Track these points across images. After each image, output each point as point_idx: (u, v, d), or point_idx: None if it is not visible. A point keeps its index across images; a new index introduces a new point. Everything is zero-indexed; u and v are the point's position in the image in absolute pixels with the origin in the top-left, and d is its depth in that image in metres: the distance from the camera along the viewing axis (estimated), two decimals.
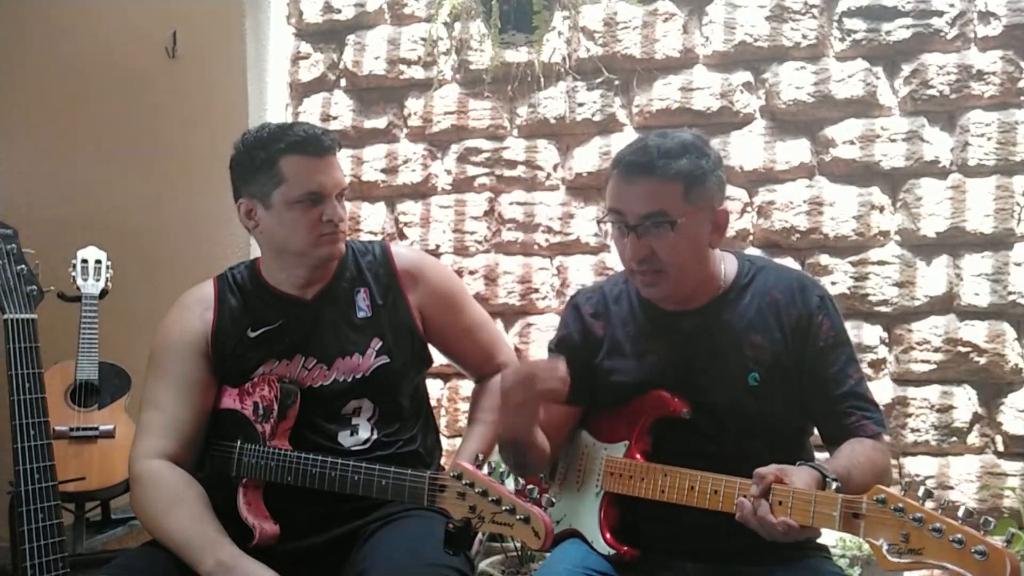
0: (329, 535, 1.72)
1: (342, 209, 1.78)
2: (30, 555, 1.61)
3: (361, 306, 1.83)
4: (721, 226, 1.64)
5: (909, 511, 1.25)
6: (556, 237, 3.04)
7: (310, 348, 1.79)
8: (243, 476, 1.72)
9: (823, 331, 1.63)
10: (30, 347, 1.71)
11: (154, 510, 1.68)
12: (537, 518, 1.38)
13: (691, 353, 1.65)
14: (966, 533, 1.20)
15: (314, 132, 1.76)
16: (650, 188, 1.56)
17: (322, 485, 1.66)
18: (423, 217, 3.17)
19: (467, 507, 1.45)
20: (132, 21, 3.23)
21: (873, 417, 1.61)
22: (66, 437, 2.47)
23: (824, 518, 1.35)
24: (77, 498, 2.47)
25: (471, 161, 3.12)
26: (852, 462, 1.50)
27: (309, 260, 1.79)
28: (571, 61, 3.02)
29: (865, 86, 2.79)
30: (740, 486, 1.46)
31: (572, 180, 3.04)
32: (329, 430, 1.77)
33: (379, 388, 1.80)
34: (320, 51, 3.28)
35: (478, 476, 1.45)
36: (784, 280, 1.68)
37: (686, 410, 1.62)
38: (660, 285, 1.62)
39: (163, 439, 1.74)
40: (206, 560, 1.58)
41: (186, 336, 1.80)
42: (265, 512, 1.71)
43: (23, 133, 3.29)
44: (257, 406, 1.74)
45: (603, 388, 1.73)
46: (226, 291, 1.85)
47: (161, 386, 1.78)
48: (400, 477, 1.58)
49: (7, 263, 1.75)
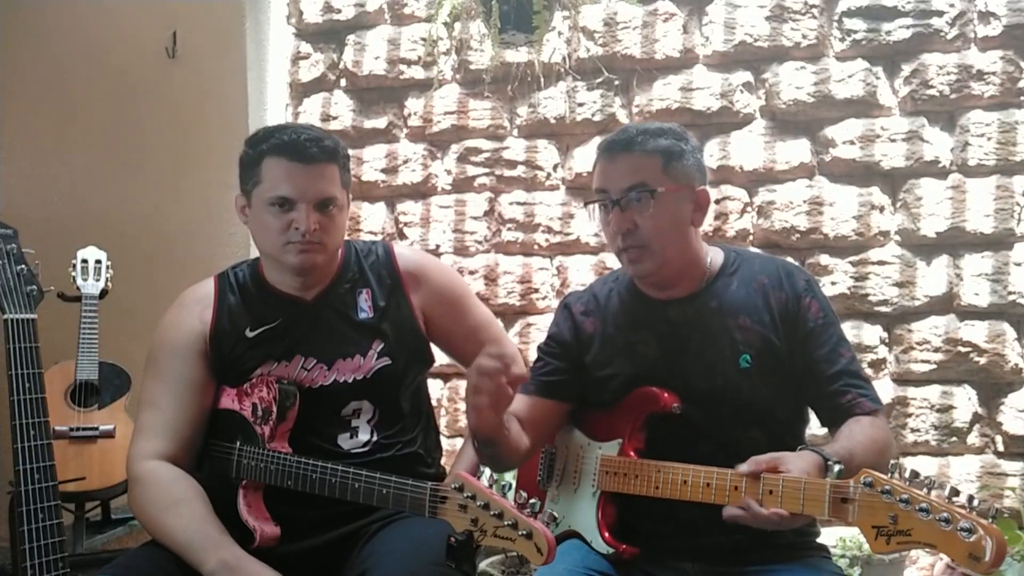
0: (330, 535, 1.71)
1: (323, 219, 1.71)
2: (30, 555, 1.61)
3: (363, 307, 1.82)
4: (702, 205, 1.68)
5: (896, 493, 1.26)
6: (556, 237, 3.04)
7: (310, 349, 1.78)
8: (243, 478, 1.72)
9: (812, 312, 1.64)
10: (30, 347, 1.70)
11: (154, 510, 1.67)
12: (539, 534, 1.37)
13: (681, 340, 1.66)
14: (951, 511, 1.20)
15: (300, 138, 1.71)
16: (631, 161, 1.64)
17: (322, 491, 1.64)
18: (423, 217, 3.17)
19: (469, 520, 1.44)
20: (132, 21, 3.23)
21: (868, 394, 1.61)
22: (66, 437, 2.47)
23: (814, 505, 1.34)
24: (77, 498, 2.47)
25: (471, 161, 3.12)
26: (853, 442, 1.50)
27: (282, 265, 1.77)
28: (571, 61, 3.02)
29: (865, 86, 2.79)
30: (732, 477, 1.46)
31: (572, 180, 3.04)
32: (328, 432, 1.76)
33: (380, 390, 1.79)
34: (320, 51, 3.28)
35: (480, 489, 1.44)
36: (769, 266, 1.72)
37: (676, 404, 1.62)
38: (645, 261, 1.64)
39: (161, 440, 1.73)
40: (209, 560, 1.57)
41: (184, 336, 1.78)
42: (266, 514, 1.70)
43: (23, 133, 3.29)
44: (256, 407, 1.73)
45: (596, 382, 1.73)
46: (226, 290, 1.84)
47: (159, 386, 1.77)
48: (401, 487, 1.56)
49: (7, 263, 1.74)
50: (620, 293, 1.76)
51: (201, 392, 1.78)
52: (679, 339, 1.67)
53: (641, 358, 1.68)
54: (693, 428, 1.63)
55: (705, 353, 1.65)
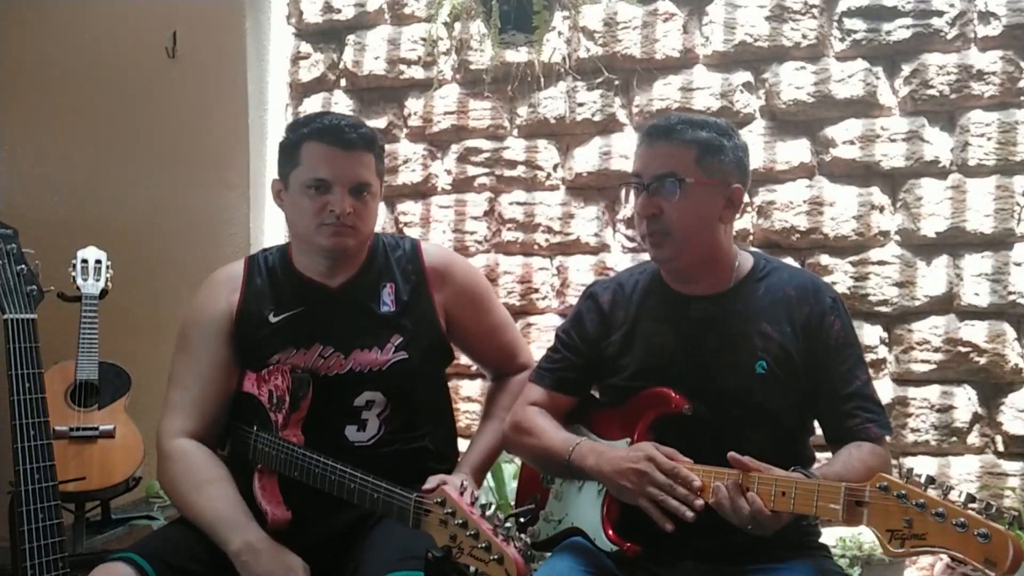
0: (342, 519, 1.74)
1: (357, 204, 1.76)
2: (30, 555, 1.61)
3: (385, 300, 1.84)
4: (735, 202, 1.68)
5: (912, 497, 1.26)
6: (556, 237, 3.04)
7: (329, 337, 1.80)
8: (258, 462, 1.75)
9: (834, 331, 1.65)
10: (30, 347, 1.71)
11: (185, 487, 1.72)
12: (510, 560, 1.36)
13: (700, 338, 1.67)
14: (968, 516, 1.21)
15: (339, 124, 1.77)
16: (665, 150, 1.64)
17: (323, 487, 1.67)
18: (423, 217, 3.17)
19: (448, 536, 1.44)
20: (132, 21, 3.23)
21: (877, 420, 1.62)
22: (66, 437, 2.46)
23: (828, 508, 1.35)
24: (77, 498, 2.46)
25: (471, 161, 3.12)
26: (847, 467, 1.51)
27: (314, 248, 1.80)
28: (571, 61, 3.02)
29: (865, 86, 2.79)
30: (743, 478, 1.46)
31: (572, 180, 3.04)
32: (337, 422, 1.78)
33: (394, 383, 1.81)
34: (320, 51, 3.28)
35: (460, 506, 1.44)
36: (797, 279, 1.72)
37: (687, 406, 1.62)
38: (666, 247, 1.65)
39: (188, 418, 1.77)
40: (234, 540, 1.62)
41: (212, 315, 1.82)
42: (279, 498, 1.72)
43: (23, 133, 3.29)
44: (272, 394, 1.76)
45: (611, 368, 1.75)
46: (255, 273, 1.87)
47: (187, 364, 1.81)
48: (390, 494, 1.59)
49: (7, 263, 1.74)
50: (645, 284, 1.77)
51: (226, 372, 1.81)
52: (698, 336, 1.67)
53: (659, 349, 1.69)
54: (701, 429, 1.63)
55: (722, 353, 1.65)
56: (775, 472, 1.44)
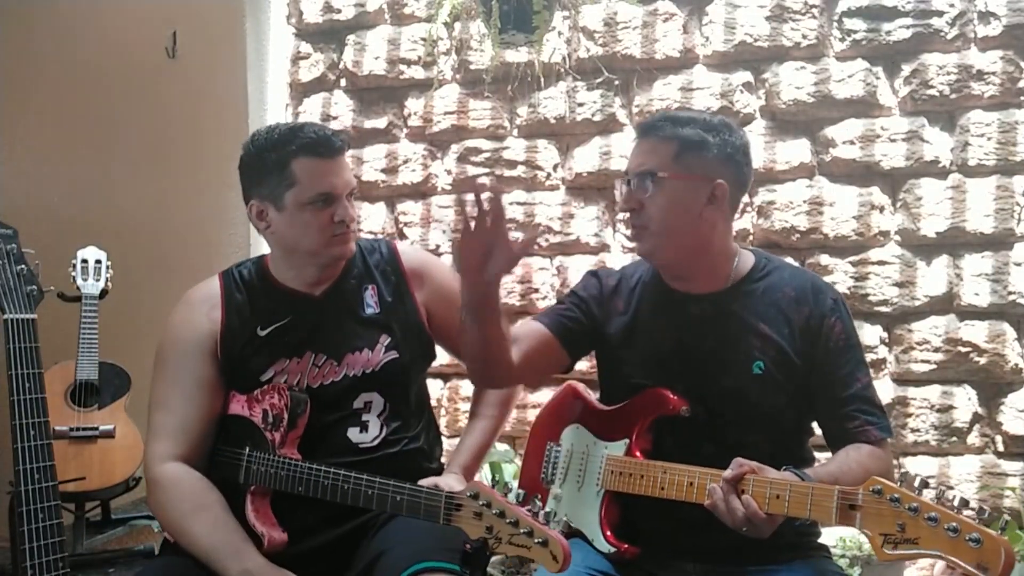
0: (338, 531, 1.72)
1: (353, 209, 1.79)
2: (30, 555, 1.60)
3: (369, 303, 1.85)
4: (718, 198, 1.66)
5: (905, 501, 1.25)
6: (556, 237, 3.04)
7: (319, 344, 1.80)
8: (251, 484, 1.72)
9: (835, 333, 1.64)
10: (30, 347, 1.70)
11: (177, 514, 1.68)
12: (555, 542, 1.39)
13: (698, 336, 1.67)
14: (960, 521, 1.20)
15: (325, 134, 1.77)
16: (647, 146, 1.68)
17: (334, 497, 1.65)
18: (423, 217, 3.17)
19: (484, 527, 1.45)
20: (132, 21, 3.23)
21: (877, 423, 1.61)
22: (66, 437, 2.46)
23: (821, 511, 1.35)
24: (77, 498, 2.46)
25: (471, 161, 3.12)
26: (843, 469, 1.51)
27: (320, 260, 1.80)
28: (571, 61, 3.02)
29: (865, 86, 2.79)
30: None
31: (572, 180, 3.04)
32: (339, 426, 1.77)
33: (389, 382, 1.81)
34: (320, 51, 3.28)
35: (495, 497, 1.45)
36: (798, 279, 1.71)
37: (685, 408, 1.62)
38: (644, 241, 1.67)
39: (175, 442, 1.73)
40: (232, 568, 1.60)
41: (193, 335, 1.79)
42: (273, 519, 1.70)
43: (24, 133, 3.29)
44: (267, 414, 1.73)
45: (608, 361, 1.75)
46: (232, 288, 1.84)
47: (170, 387, 1.77)
48: (416, 494, 1.57)
49: (7, 263, 1.74)
50: (645, 280, 1.77)
51: (212, 392, 1.78)
52: (696, 335, 1.67)
53: (656, 346, 1.69)
54: (699, 430, 1.63)
55: (719, 353, 1.65)
56: (770, 474, 1.43)
